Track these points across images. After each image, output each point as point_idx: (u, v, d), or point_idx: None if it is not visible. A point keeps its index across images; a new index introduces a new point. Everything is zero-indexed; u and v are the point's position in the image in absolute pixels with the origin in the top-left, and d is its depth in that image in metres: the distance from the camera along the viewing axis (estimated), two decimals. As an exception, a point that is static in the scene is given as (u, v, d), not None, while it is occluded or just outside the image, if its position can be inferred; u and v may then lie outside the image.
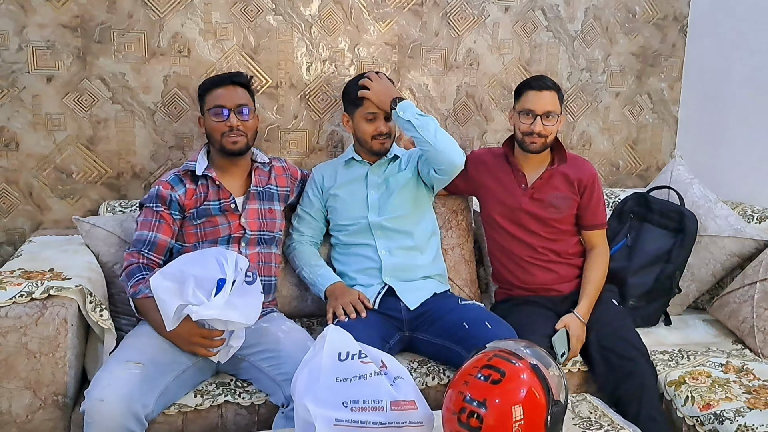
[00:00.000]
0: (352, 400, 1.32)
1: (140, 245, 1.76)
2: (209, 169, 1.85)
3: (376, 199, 2.02)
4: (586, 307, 1.96)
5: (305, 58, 2.31)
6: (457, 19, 2.45)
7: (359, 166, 2.05)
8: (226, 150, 1.84)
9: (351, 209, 2.02)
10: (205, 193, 1.83)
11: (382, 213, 2.00)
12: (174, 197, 1.80)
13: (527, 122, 1.96)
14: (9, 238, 2.14)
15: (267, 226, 1.91)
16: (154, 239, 1.77)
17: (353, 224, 2.01)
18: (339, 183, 2.04)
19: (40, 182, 2.13)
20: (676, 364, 1.92)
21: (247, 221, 1.86)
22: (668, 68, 2.77)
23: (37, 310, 1.54)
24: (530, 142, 1.97)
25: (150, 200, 1.80)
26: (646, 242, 2.20)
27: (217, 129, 1.82)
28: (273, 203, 1.95)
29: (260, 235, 1.88)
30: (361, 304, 1.85)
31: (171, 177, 1.84)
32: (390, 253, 1.98)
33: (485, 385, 1.24)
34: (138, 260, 1.74)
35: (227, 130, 1.82)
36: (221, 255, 1.62)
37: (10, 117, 2.07)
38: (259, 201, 1.91)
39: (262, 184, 1.93)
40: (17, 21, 2.02)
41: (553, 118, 1.96)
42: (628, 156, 2.81)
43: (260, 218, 1.89)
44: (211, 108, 1.83)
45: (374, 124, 1.98)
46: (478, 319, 1.80)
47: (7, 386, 1.53)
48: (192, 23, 2.17)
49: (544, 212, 2.02)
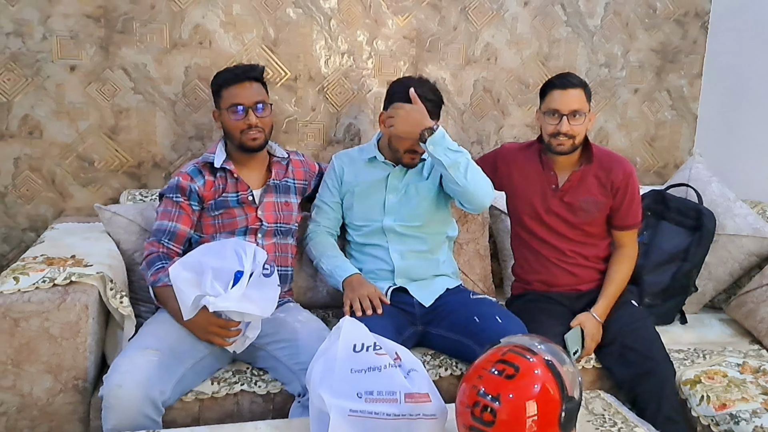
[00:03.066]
0: (366, 391, 1.34)
1: (160, 235, 1.79)
2: (227, 162, 1.86)
3: (394, 204, 1.97)
4: (604, 306, 1.92)
5: (324, 50, 2.32)
6: (476, 13, 2.44)
7: (382, 167, 1.98)
8: (246, 147, 1.85)
9: (367, 210, 1.99)
10: (224, 185, 1.85)
11: (397, 218, 1.96)
12: (193, 188, 1.82)
13: (553, 123, 1.90)
14: (32, 224, 2.18)
15: (283, 218, 1.92)
16: (174, 229, 1.80)
17: (367, 225, 1.99)
18: (359, 181, 2.00)
19: (62, 170, 2.17)
20: (691, 363, 1.91)
21: (263, 213, 1.88)
22: (688, 65, 2.75)
23: (59, 295, 1.57)
24: (557, 144, 1.91)
25: (170, 191, 1.83)
26: (663, 240, 2.19)
27: (236, 127, 1.83)
28: (289, 196, 1.96)
29: (277, 227, 1.90)
30: (377, 299, 1.83)
31: (191, 168, 1.86)
32: (402, 257, 1.95)
33: (499, 380, 1.24)
34: (158, 249, 1.77)
35: (246, 127, 1.82)
36: (240, 246, 1.63)
37: (34, 105, 2.10)
38: (276, 194, 1.93)
39: (279, 178, 1.95)
40: (42, 11, 2.05)
41: (581, 116, 1.89)
42: (645, 153, 2.79)
43: (277, 210, 1.91)
44: (228, 106, 1.83)
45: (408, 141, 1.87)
46: (489, 313, 1.80)
47: (29, 370, 1.57)
48: (213, 15, 2.19)
49: (574, 216, 1.97)
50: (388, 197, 1.97)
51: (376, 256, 1.98)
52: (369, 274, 1.96)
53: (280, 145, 2.05)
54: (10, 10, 2.03)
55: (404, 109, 1.82)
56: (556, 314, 1.94)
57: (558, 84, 1.91)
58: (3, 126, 2.09)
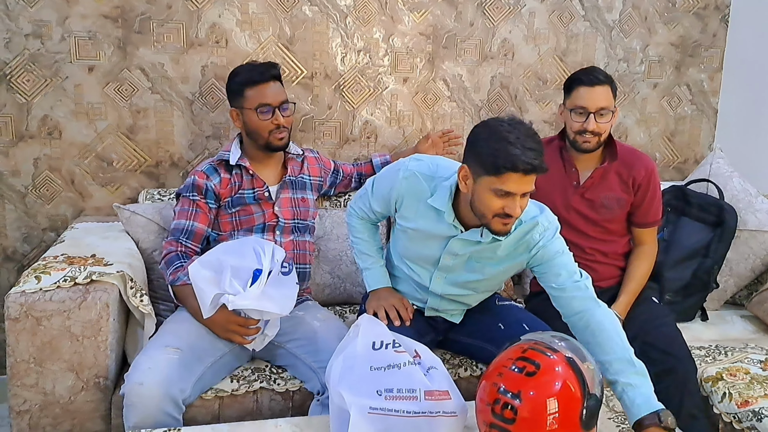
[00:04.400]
0: (386, 388, 1.34)
1: (178, 234, 1.80)
2: (243, 159, 1.87)
3: (448, 266, 1.64)
4: (624, 304, 1.90)
5: (340, 48, 2.32)
6: (493, 9, 2.43)
7: (448, 227, 1.57)
8: (273, 147, 1.87)
9: (416, 254, 1.69)
10: (240, 183, 1.86)
11: (447, 281, 1.67)
12: (209, 186, 1.83)
13: (579, 120, 1.87)
14: (52, 224, 2.20)
15: (300, 214, 1.93)
16: (192, 228, 1.80)
17: (413, 268, 1.71)
18: (416, 227, 1.62)
19: (81, 170, 2.19)
20: (713, 360, 1.89)
21: (280, 209, 1.89)
22: (708, 59, 2.71)
23: (80, 294, 1.59)
24: (583, 142, 1.88)
25: (186, 190, 1.84)
26: (684, 236, 2.16)
27: (264, 127, 1.84)
28: (306, 192, 1.97)
29: (294, 224, 1.91)
30: (404, 309, 1.70)
31: (206, 167, 1.86)
32: (440, 301, 1.74)
33: (520, 377, 1.24)
34: (176, 248, 1.78)
35: (275, 128, 1.84)
36: (258, 245, 1.64)
37: (53, 106, 2.12)
38: (292, 190, 1.93)
39: (295, 174, 1.95)
40: (60, 12, 2.07)
41: (607, 114, 1.86)
42: (665, 148, 2.76)
43: (294, 207, 1.92)
44: (257, 106, 1.82)
45: (504, 201, 1.43)
46: (516, 319, 1.75)
47: (51, 368, 1.58)
48: (229, 14, 2.20)
49: (595, 213, 1.95)
50: (443, 259, 1.63)
51: (412, 284, 1.76)
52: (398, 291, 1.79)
53: (296, 143, 2.05)
54: (29, 11, 2.05)
55: None
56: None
57: (585, 80, 1.87)
58: (23, 127, 2.12)
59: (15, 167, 2.13)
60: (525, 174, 1.39)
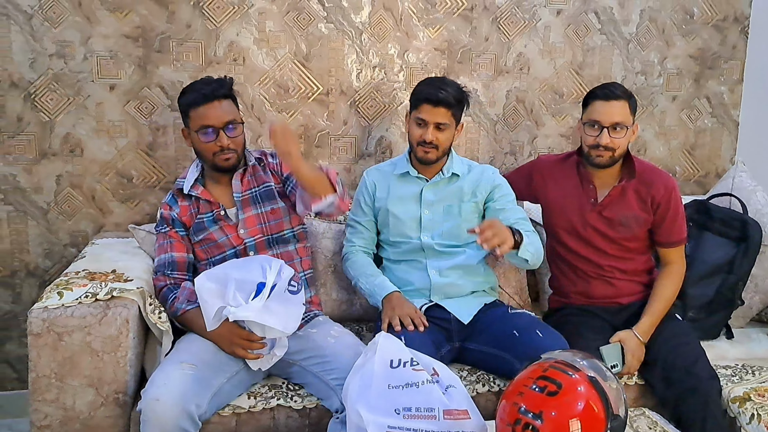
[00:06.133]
0: (404, 407, 1.33)
1: (163, 268, 1.81)
2: (195, 186, 1.84)
3: (431, 220, 1.94)
4: (647, 325, 1.86)
5: (355, 64, 2.33)
6: (508, 23, 2.43)
7: (414, 181, 1.96)
8: (219, 168, 1.82)
9: (403, 227, 1.95)
10: (197, 208, 1.84)
11: (435, 236, 1.93)
12: (174, 216, 1.84)
13: (593, 134, 1.86)
14: (73, 240, 2.23)
15: (272, 229, 1.85)
16: (172, 259, 1.81)
17: (404, 242, 1.96)
18: (392, 197, 1.97)
19: (102, 186, 2.22)
20: (739, 379, 1.85)
21: (246, 230, 1.83)
22: (728, 71, 2.68)
23: (100, 310, 1.60)
24: (596, 156, 1.87)
25: (158, 225, 1.88)
26: (706, 251, 2.13)
27: (207, 149, 1.78)
28: (274, 202, 1.86)
29: (267, 239, 1.84)
30: (418, 319, 1.79)
31: (168, 197, 1.88)
32: (440, 274, 1.92)
33: (541, 397, 1.22)
34: (165, 282, 1.79)
35: (218, 150, 1.77)
36: (266, 261, 1.64)
37: (76, 124, 2.16)
38: (255, 205, 1.85)
39: (257, 185, 1.87)
40: (83, 32, 2.11)
41: (622, 129, 1.84)
42: (685, 162, 2.72)
43: (261, 223, 1.85)
44: (198, 129, 1.76)
45: (421, 130, 1.87)
46: (529, 327, 1.76)
47: (71, 383, 1.59)
48: (247, 32, 2.22)
49: (613, 231, 1.93)
50: (423, 213, 1.94)
51: (413, 273, 1.94)
52: (404, 290, 1.92)
53: (250, 150, 1.94)
54: (53, 32, 2.09)
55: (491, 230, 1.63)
56: (597, 328, 1.90)
57: (600, 95, 1.87)
58: (46, 144, 2.15)
59: (38, 184, 2.17)
60: (434, 106, 1.83)
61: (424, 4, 2.34)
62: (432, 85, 1.87)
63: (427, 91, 1.85)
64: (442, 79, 1.93)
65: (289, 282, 1.61)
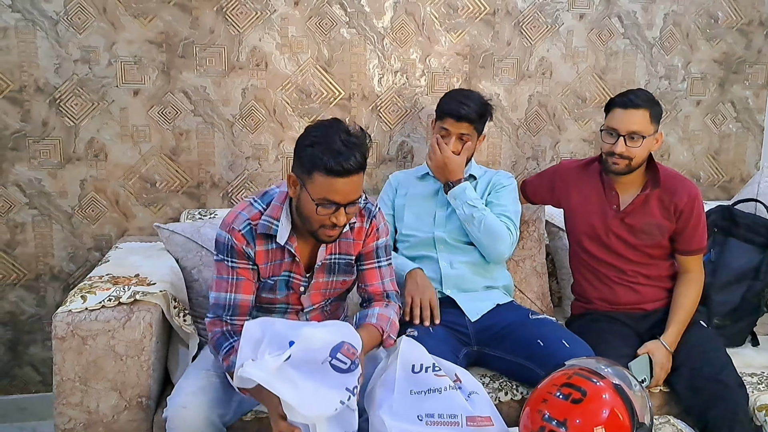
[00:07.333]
0: (427, 414, 1.33)
1: (221, 311, 1.55)
2: (292, 239, 1.55)
3: (444, 218, 2.00)
4: (674, 334, 1.84)
5: (377, 69, 2.34)
6: (530, 28, 2.42)
7: (433, 181, 2.04)
8: (318, 239, 1.54)
9: (417, 220, 2.02)
10: (279, 261, 1.57)
11: (448, 230, 1.98)
12: (249, 252, 1.54)
13: (609, 141, 1.85)
14: (97, 244, 2.25)
15: (333, 294, 1.67)
16: (235, 302, 1.54)
17: (416, 235, 2.00)
18: (411, 194, 2.06)
19: (126, 191, 2.24)
20: (766, 387, 1.82)
21: (308, 296, 1.63)
22: (753, 75, 2.64)
23: (124, 314, 1.61)
24: (612, 163, 1.86)
25: (223, 253, 1.54)
26: (732, 258, 2.10)
27: (318, 220, 1.48)
28: (348, 275, 1.66)
29: (323, 305, 1.68)
30: (437, 310, 1.83)
31: (244, 227, 1.53)
32: (451, 266, 1.96)
33: (565, 404, 1.21)
34: (221, 328, 1.54)
35: (330, 225, 1.48)
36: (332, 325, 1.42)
37: (100, 129, 2.19)
38: (329, 273, 1.63)
39: (338, 251, 1.63)
40: (107, 38, 2.14)
41: (639, 139, 1.81)
42: (709, 167, 2.69)
43: (327, 289, 1.65)
44: (320, 200, 1.44)
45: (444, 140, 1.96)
46: (554, 336, 1.74)
47: (95, 387, 1.61)
48: (269, 37, 2.24)
49: (635, 238, 1.92)
50: (438, 211, 2.01)
51: (425, 265, 1.96)
52: None
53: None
54: (78, 38, 2.12)
55: (440, 154, 1.93)
56: (621, 335, 1.88)
57: (620, 102, 1.86)
58: (70, 149, 2.18)
59: (62, 188, 2.20)
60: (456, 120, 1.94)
61: (446, 9, 2.34)
62: (455, 100, 1.96)
63: (450, 107, 1.95)
64: (467, 94, 1.99)
65: (335, 352, 1.29)
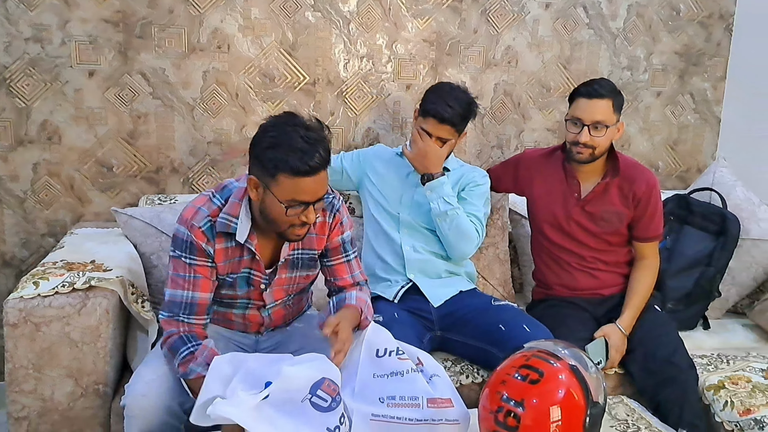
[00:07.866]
0: (388, 396, 1.33)
1: (177, 309, 1.46)
2: (252, 236, 1.48)
3: (410, 200, 1.99)
4: (629, 318, 1.89)
5: (343, 54, 2.31)
6: (497, 16, 2.43)
7: (406, 164, 2.00)
8: (286, 239, 1.47)
9: (384, 196, 2.01)
10: (238, 258, 1.50)
11: (413, 215, 1.97)
12: (209, 251, 1.46)
13: (574, 131, 1.87)
14: (50, 229, 2.19)
15: (295, 289, 1.62)
16: (192, 300, 1.46)
17: (382, 213, 2.00)
18: (382, 171, 2.03)
19: (81, 175, 2.18)
20: (715, 368, 1.88)
21: (271, 292, 1.57)
22: (712, 68, 2.71)
23: (79, 300, 1.57)
24: (576, 152, 1.88)
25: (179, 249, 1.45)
26: (686, 245, 2.16)
27: (286, 221, 1.40)
28: (312, 269, 1.61)
29: (286, 300, 1.63)
30: None
31: (204, 224, 1.44)
32: (414, 250, 1.96)
33: (523, 385, 1.23)
34: (178, 329, 1.45)
35: (299, 224, 1.41)
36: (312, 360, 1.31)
37: (53, 111, 2.12)
38: (292, 269, 1.58)
39: (302, 247, 1.56)
40: (61, 16, 2.06)
41: (603, 128, 1.84)
42: (668, 157, 2.75)
43: (290, 285, 1.59)
44: (288, 201, 1.37)
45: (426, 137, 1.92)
46: (515, 321, 1.77)
47: (50, 374, 1.57)
48: (231, 19, 2.19)
49: (595, 226, 1.95)
50: (405, 192, 1.99)
51: (387, 249, 1.97)
52: (380, 267, 1.97)
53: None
54: (29, 15, 2.04)
55: (422, 143, 1.90)
56: (580, 319, 1.93)
57: (584, 92, 1.88)
58: (22, 131, 2.10)
59: (14, 172, 2.12)
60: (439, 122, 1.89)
61: (413, -5, 2.34)
62: (441, 99, 1.89)
63: (435, 107, 1.88)
64: (454, 94, 1.92)
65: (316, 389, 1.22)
